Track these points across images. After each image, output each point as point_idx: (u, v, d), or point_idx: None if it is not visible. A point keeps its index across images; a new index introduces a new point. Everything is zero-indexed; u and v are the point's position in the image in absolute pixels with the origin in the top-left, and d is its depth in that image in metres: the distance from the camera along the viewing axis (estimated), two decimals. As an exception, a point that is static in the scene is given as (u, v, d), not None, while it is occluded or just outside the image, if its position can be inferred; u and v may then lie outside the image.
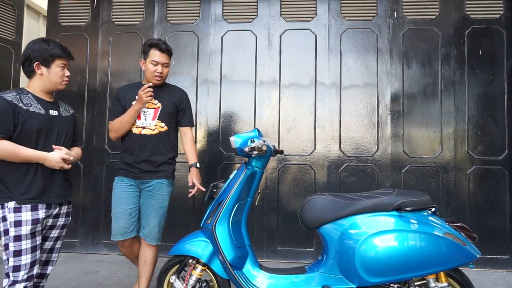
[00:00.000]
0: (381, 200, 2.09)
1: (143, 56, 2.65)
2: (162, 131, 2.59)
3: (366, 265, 2.00)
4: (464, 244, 1.99)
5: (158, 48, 2.57)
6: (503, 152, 3.89)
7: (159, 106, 2.61)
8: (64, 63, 2.10)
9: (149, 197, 2.56)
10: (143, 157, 2.54)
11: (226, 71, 4.22)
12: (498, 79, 3.96)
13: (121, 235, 2.55)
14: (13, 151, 1.88)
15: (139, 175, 2.55)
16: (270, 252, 4.00)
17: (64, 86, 2.14)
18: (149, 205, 2.56)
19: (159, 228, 2.59)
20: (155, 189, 2.56)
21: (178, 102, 2.70)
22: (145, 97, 2.46)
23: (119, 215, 2.54)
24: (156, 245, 2.61)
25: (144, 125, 2.57)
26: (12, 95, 1.96)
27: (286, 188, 4.06)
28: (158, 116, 2.59)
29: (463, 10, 4.04)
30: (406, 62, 4.06)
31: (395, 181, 3.96)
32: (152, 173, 2.56)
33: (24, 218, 1.90)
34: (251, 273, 2.26)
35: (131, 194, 2.57)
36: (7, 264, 1.89)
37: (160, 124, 2.59)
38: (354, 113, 4.06)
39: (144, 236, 2.57)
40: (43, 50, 2.03)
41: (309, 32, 4.17)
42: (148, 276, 2.60)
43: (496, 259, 3.81)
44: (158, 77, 2.60)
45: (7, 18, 4.61)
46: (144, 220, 2.57)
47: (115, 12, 4.39)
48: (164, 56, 2.60)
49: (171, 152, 2.65)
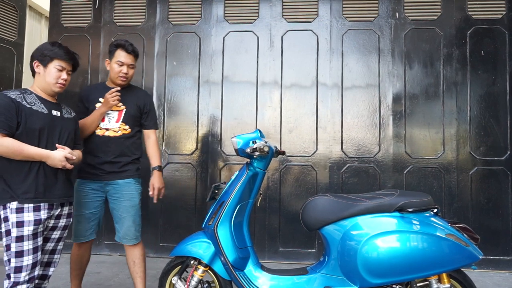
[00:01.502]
0: (383, 201, 2.09)
1: (109, 56, 2.62)
2: (126, 133, 2.58)
3: (368, 266, 1.99)
4: (467, 245, 1.98)
5: (125, 49, 2.56)
6: (506, 153, 3.88)
7: (123, 109, 2.59)
8: (63, 65, 2.09)
9: (117, 199, 2.53)
10: (106, 159, 2.51)
11: (227, 72, 4.22)
12: (500, 80, 3.95)
13: (80, 237, 2.55)
14: (17, 148, 1.88)
15: (103, 177, 2.52)
16: (272, 253, 4.00)
17: (58, 89, 2.11)
18: (119, 207, 2.53)
19: (135, 227, 2.56)
20: (123, 189, 2.53)
21: (142, 105, 2.68)
22: (112, 101, 2.45)
23: (78, 219, 2.53)
24: (139, 243, 2.60)
25: (108, 127, 2.54)
26: (15, 93, 1.97)
27: (288, 189, 4.06)
28: (122, 119, 2.58)
29: (465, 10, 4.04)
30: (408, 62, 4.05)
31: (397, 182, 3.95)
32: (116, 173, 2.54)
33: (27, 219, 1.90)
34: (253, 274, 2.25)
35: (92, 199, 2.53)
36: (8, 265, 1.89)
37: (124, 127, 2.58)
38: (356, 113, 4.06)
39: (120, 239, 2.55)
40: (44, 49, 2.06)
41: (311, 33, 4.16)
42: (142, 276, 2.58)
43: (498, 260, 3.79)
44: (123, 78, 2.57)
45: (10, 19, 4.63)
46: (118, 224, 2.55)
47: (117, 13, 4.40)
48: (130, 58, 2.58)
49: (135, 154, 2.63)
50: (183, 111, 4.23)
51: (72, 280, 2.68)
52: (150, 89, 4.26)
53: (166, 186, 4.16)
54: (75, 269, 2.66)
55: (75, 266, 2.65)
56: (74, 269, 2.66)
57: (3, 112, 1.88)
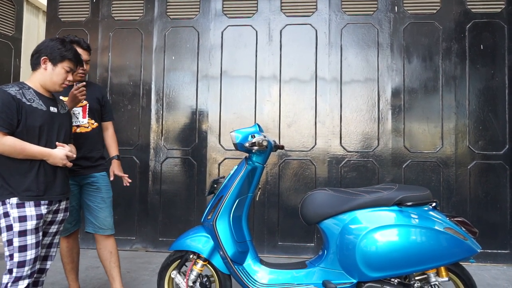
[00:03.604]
0: (382, 195, 2.09)
1: None
2: (94, 127, 2.65)
3: (367, 260, 2.00)
4: (465, 238, 1.99)
5: (80, 46, 2.61)
6: (504, 147, 3.89)
7: (86, 104, 2.63)
8: (71, 67, 2.09)
9: (95, 191, 2.59)
10: (80, 154, 2.50)
11: (226, 67, 4.21)
12: (499, 74, 3.94)
13: (65, 230, 2.61)
14: (20, 147, 1.86)
15: (79, 172, 2.55)
16: (271, 247, 4.01)
17: (62, 89, 2.12)
18: (96, 199, 2.59)
19: (110, 217, 2.64)
20: (99, 181, 2.61)
21: (100, 97, 2.75)
22: (80, 96, 2.47)
23: None
24: (112, 235, 2.65)
25: (78, 123, 2.59)
26: (15, 89, 1.93)
27: (287, 183, 4.06)
28: (88, 114, 2.63)
29: (464, 4, 4.02)
30: (407, 56, 4.04)
31: (396, 176, 3.96)
32: (92, 168, 2.60)
33: (29, 213, 1.89)
34: (252, 268, 2.26)
35: (71, 193, 2.55)
36: (11, 260, 1.87)
37: (91, 121, 2.64)
38: (355, 108, 4.05)
39: (96, 230, 2.59)
40: (56, 48, 2.03)
41: (310, 27, 4.15)
42: (119, 265, 2.65)
43: (496, 254, 3.81)
44: (82, 73, 2.63)
45: (7, 13, 4.60)
46: (92, 215, 2.59)
47: (115, 7, 4.38)
48: (86, 53, 2.66)
49: (103, 147, 2.75)
50: (181, 106, 4.23)
51: (67, 275, 2.71)
52: (149, 83, 4.25)
53: (165, 180, 4.20)
54: (67, 263, 2.71)
55: (66, 260, 2.70)
56: (67, 263, 2.71)
57: (4, 110, 1.85)
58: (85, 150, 2.57)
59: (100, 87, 2.89)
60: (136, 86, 4.28)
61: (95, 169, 2.61)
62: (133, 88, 4.25)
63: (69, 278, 2.71)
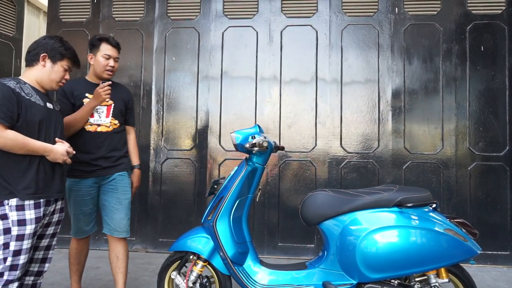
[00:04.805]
0: (382, 196, 2.09)
1: (91, 50, 2.59)
2: (116, 128, 2.60)
3: (367, 261, 2.00)
4: (465, 240, 1.99)
5: (109, 43, 2.56)
6: (504, 148, 3.88)
7: (111, 104, 2.59)
8: (70, 66, 2.09)
9: (111, 191, 2.54)
10: (100, 154, 2.50)
11: (227, 67, 4.21)
12: (499, 75, 3.94)
13: (82, 233, 2.57)
14: (22, 141, 1.83)
15: (98, 172, 2.51)
16: (271, 248, 4.01)
17: (57, 88, 2.11)
18: (112, 199, 2.53)
19: (126, 220, 2.56)
20: (117, 182, 2.55)
21: (127, 100, 2.72)
22: (104, 95, 2.44)
23: (79, 217, 2.53)
24: (125, 239, 2.59)
25: (99, 122, 2.54)
26: (13, 83, 1.89)
27: (287, 184, 4.06)
28: (112, 114, 2.59)
29: (464, 5, 4.02)
30: (407, 58, 4.04)
31: (396, 177, 3.96)
32: (112, 167, 2.55)
33: (28, 217, 1.86)
34: (252, 269, 2.26)
35: (89, 196, 2.52)
36: (4, 263, 1.82)
37: (115, 121, 2.59)
38: (355, 109, 4.05)
39: (111, 232, 2.53)
40: (57, 46, 2.02)
41: (310, 28, 4.15)
42: (124, 272, 2.57)
43: (496, 255, 3.81)
44: (110, 71, 2.58)
45: (8, 14, 4.61)
46: (108, 216, 2.53)
47: (115, 8, 4.38)
48: (115, 51, 2.60)
49: (124, 147, 2.68)
50: (182, 107, 4.23)
51: (71, 276, 2.67)
52: (149, 84, 4.25)
53: (165, 181, 4.20)
54: (74, 264, 2.65)
55: (74, 261, 2.65)
56: (73, 264, 2.65)
57: (4, 103, 1.81)
58: (105, 150, 2.52)
59: (127, 90, 2.82)
60: (137, 86, 4.28)
61: (115, 168, 2.55)
62: (134, 89, 4.25)
63: (72, 279, 2.67)
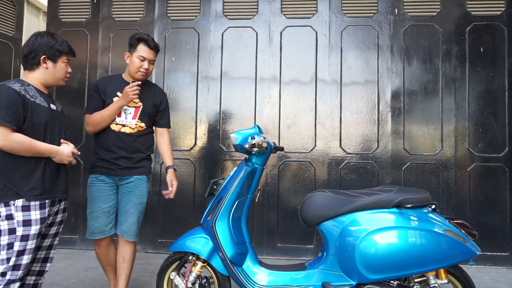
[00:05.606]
0: (382, 197, 2.09)
1: (129, 49, 2.57)
2: (141, 130, 2.57)
3: (366, 261, 2.00)
4: (464, 241, 1.99)
5: (147, 44, 2.52)
6: (504, 150, 3.89)
7: (140, 106, 2.57)
8: (69, 59, 2.10)
9: (127, 194, 2.52)
10: (121, 154, 2.49)
11: (226, 68, 4.21)
12: (499, 76, 3.95)
13: (100, 233, 2.51)
14: (29, 144, 1.83)
15: (118, 172, 2.50)
16: (270, 248, 4.01)
17: (64, 83, 2.12)
18: (127, 202, 2.52)
19: (137, 224, 2.55)
20: (135, 185, 2.53)
21: (158, 102, 2.67)
22: (132, 94, 2.42)
23: (97, 214, 2.49)
24: (134, 242, 2.58)
25: (124, 123, 2.52)
26: (18, 85, 1.89)
27: (286, 185, 4.06)
28: (139, 116, 2.56)
29: (464, 7, 4.03)
30: (407, 59, 4.05)
31: (396, 178, 3.96)
32: (132, 169, 2.53)
33: (34, 217, 1.86)
34: (251, 269, 2.26)
35: (108, 192, 2.52)
36: (7, 263, 1.82)
37: (140, 124, 2.56)
38: (355, 110, 4.05)
39: (122, 233, 2.53)
40: (52, 45, 2.00)
41: (310, 29, 4.15)
42: (127, 273, 2.56)
43: (496, 256, 3.81)
44: (143, 73, 2.54)
45: (7, 14, 4.60)
46: (122, 217, 2.53)
47: (115, 8, 4.38)
48: (152, 53, 2.55)
49: (148, 150, 2.64)
50: (181, 107, 4.23)
51: (107, 275, 2.67)
52: (149, 84, 4.25)
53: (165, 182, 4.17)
54: (105, 265, 2.64)
55: (104, 263, 2.63)
56: (104, 265, 2.64)
57: (11, 106, 1.80)
58: (126, 150, 2.50)
59: (162, 92, 2.75)
60: (136, 87, 4.27)
61: (135, 170, 2.53)
62: (133, 89, 4.24)
63: (109, 277, 2.66)
